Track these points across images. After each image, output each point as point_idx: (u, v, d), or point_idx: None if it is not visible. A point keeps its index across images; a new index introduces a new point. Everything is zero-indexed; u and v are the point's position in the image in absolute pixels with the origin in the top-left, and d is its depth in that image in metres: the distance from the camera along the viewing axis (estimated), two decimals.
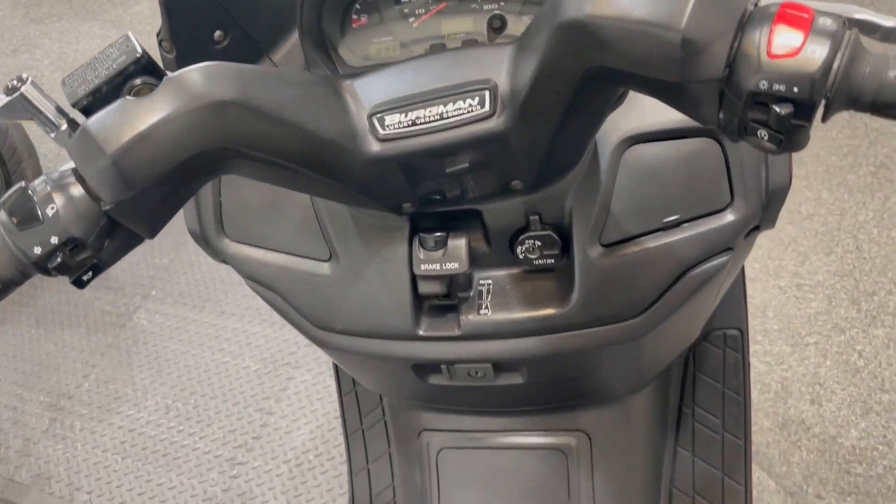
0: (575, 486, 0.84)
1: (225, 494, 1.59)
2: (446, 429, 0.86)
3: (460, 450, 0.86)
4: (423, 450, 0.88)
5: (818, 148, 1.86)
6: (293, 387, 1.74)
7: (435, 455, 0.87)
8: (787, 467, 1.38)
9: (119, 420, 1.77)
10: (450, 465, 0.87)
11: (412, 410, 0.88)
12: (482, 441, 0.85)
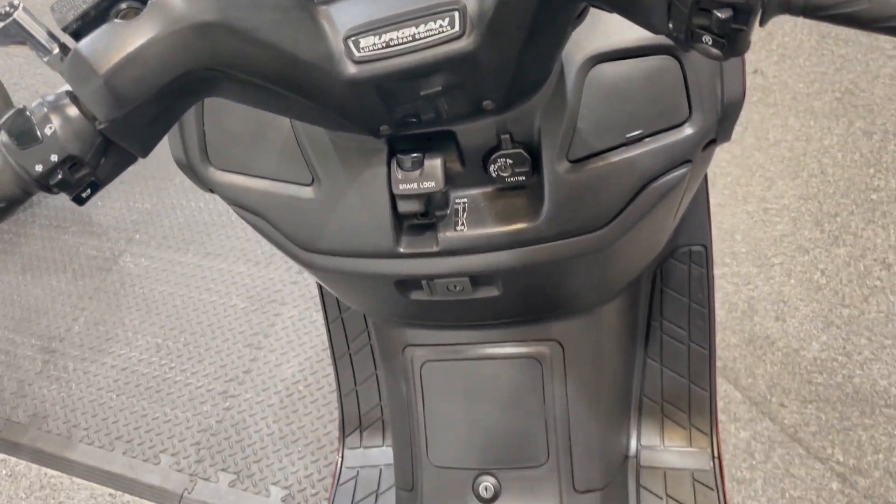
0: (549, 392, 0.90)
1: (219, 425, 1.65)
2: (428, 343, 0.92)
3: (442, 362, 0.91)
4: (408, 364, 0.93)
5: (786, 76, 1.90)
6: (280, 322, 1.79)
7: (419, 368, 0.93)
8: (753, 379, 1.46)
9: (111, 360, 1.82)
10: (433, 377, 0.92)
11: (396, 328, 0.93)
12: (462, 353, 0.90)
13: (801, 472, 1.34)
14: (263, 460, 1.57)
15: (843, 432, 1.37)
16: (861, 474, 1.32)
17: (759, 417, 1.41)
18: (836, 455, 1.35)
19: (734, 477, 1.36)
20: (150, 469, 1.61)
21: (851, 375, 1.42)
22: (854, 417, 1.38)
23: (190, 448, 1.63)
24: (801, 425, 1.39)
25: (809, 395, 1.42)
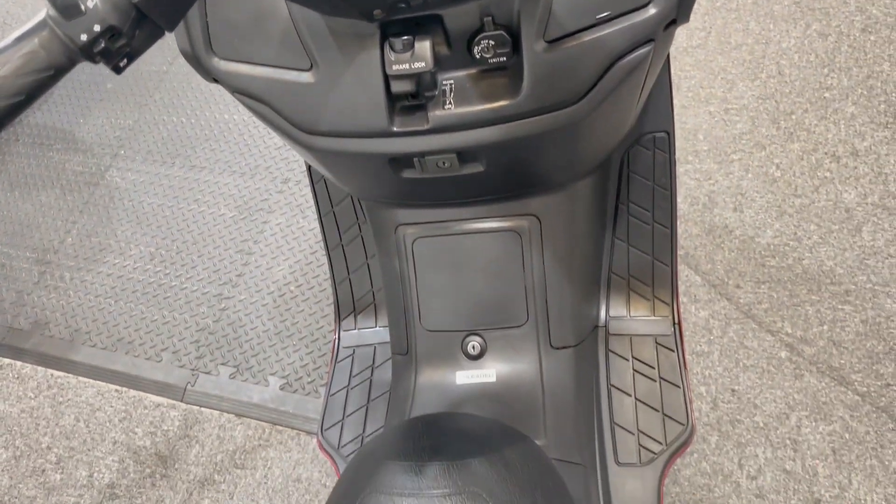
0: (528, 261, 1.01)
1: (216, 324, 1.75)
2: (419, 221, 1.01)
3: (431, 238, 1.01)
4: (400, 241, 1.03)
5: None
6: (269, 229, 1.87)
7: (410, 245, 1.03)
8: (712, 265, 1.59)
9: (107, 269, 1.89)
10: (423, 252, 1.02)
11: (388, 209, 1.02)
12: (449, 229, 1.00)
13: (754, 344, 1.48)
14: (260, 354, 1.68)
15: (792, 308, 1.50)
16: (807, 344, 1.46)
17: (717, 298, 1.54)
18: (785, 328, 1.49)
19: (694, 350, 1.50)
20: (152, 366, 1.72)
21: (801, 258, 1.56)
22: (802, 295, 1.52)
23: (190, 346, 1.73)
24: (755, 304, 1.52)
25: (763, 277, 1.55)
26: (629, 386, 1.14)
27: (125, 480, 1.58)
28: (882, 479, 1.32)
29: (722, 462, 1.38)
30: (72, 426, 1.67)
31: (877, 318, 1.47)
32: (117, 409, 1.68)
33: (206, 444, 1.59)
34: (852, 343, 1.45)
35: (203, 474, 1.55)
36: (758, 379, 1.45)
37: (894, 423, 1.36)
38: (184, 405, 1.66)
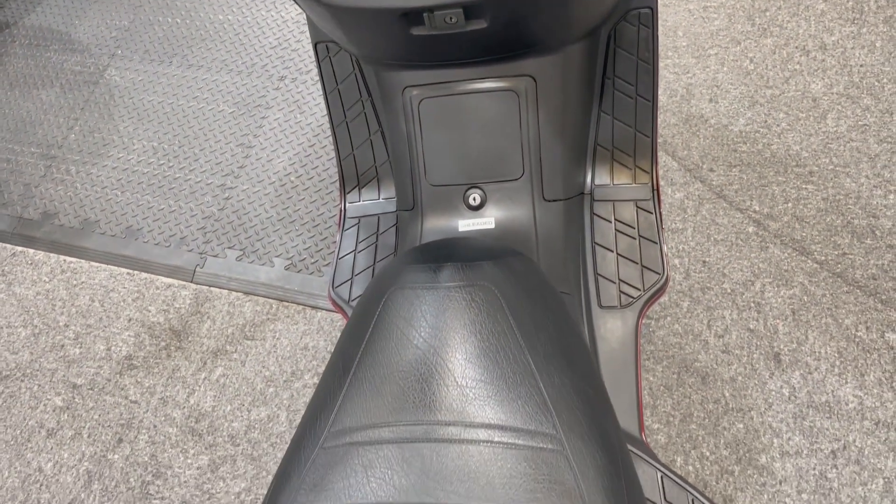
0: (524, 120, 1.11)
1: (221, 212, 1.84)
2: (424, 83, 1.11)
3: (436, 98, 1.11)
4: (407, 103, 1.13)
5: None
6: (268, 124, 1.95)
7: (417, 106, 1.12)
8: (688, 151, 1.70)
9: (111, 162, 1.97)
10: (428, 112, 1.12)
11: (397, 72, 1.12)
12: (453, 89, 1.10)
13: (724, 221, 1.61)
14: (265, 238, 1.79)
15: (760, 188, 1.63)
16: (772, 219, 1.60)
17: (692, 181, 1.67)
18: (753, 206, 1.62)
19: (669, 228, 1.62)
20: (161, 251, 1.81)
21: (770, 143, 1.68)
22: (770, 176, 1.64)
23: (197, 232, 1.83)
24: (726, 185, 1.65)
25: (734, 161, 1.67)
26: (611, 243, 1.27)
27: (142, 353, 1.69)
28: (835, 335, 1.47)
29: (692, 323, 1.52)
30: (87, 306, 1.77)
31: (836, 195, 1.60)
32: (130, 289, 1.78)
33: (216, 319, 1.71)
34: (813, 218, 1.59)
35: (215, 346, 1.67)
36: (727, 251, 1.58)
37: (848, 287, 1.51)
38: (194, 285, 1.76)
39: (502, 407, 0.73)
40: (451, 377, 0.75)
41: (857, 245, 1.55)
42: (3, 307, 1.81)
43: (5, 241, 1.90)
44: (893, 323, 1.46)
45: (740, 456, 1.39)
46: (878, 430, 1.38)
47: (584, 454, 0.70)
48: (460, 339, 0.77)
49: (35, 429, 1.64)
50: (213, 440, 1.57)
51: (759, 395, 1.44)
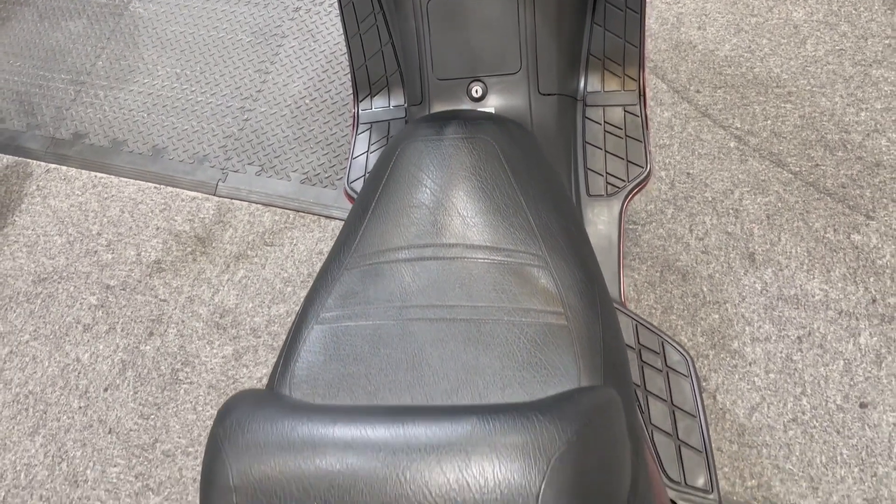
0: (522, 18, 1.24)
1: (241, 132, 1.98)
2: None
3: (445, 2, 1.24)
4: (416, 4, 1.26)
5: None
6: (283, 52, 2.08)
7: (425, 5, 1.25)
8: (676, 74, 1.83)
9: (137, 87, 2.10)
10: (436, 11, 1.25)
11: None
12: None
13: (708, 137, 1.74)
14: (282, 155, 1.92)
15: (743, 108, 1.76)
16: (753, 135, 1.73)
17: (679, 101, 1.80)
18: (735, 123, 1.75)
19: (657, 143, 1.76)
20: (186, 167, 1.95)
21: (753, 67, 1.80)
22: (752, 97, 1.77)
23: (218, 150, 1.96)
24: (711, 105, 1.78)
25: (719, 83, 1.80)
26: (600, 141, 1.40)
27: (169, 257, 1.84)
28: (805, 237, 1.61)
29: (675, 228, 1.66)
30: (118, 216, 1.92)
31: (812, 113, 1.73)
32: (157, 202, 1.92)
33: (238, 228, 1.85)
34: (790, 134, 1.72)
35: (238, 251, 1.82)
36: (709, 164, 1.72)
37: (819, 195, 1.64)
38: (216, 198, 1.90)
39: (496, 232, 0.88)
40: (454, 209, 0.89)
41: (829, 157, 1.68)
42: (39, 218, 1.95)
43: (39, 159, 2.04)
44: (859, 226, 1.60)
45: (715, 342, 1.53)
46: (841, 318, 1.52)
47: (564, 270, 0.84)
48: (462, 179, 0.91)
49: (72, 324, 1.79)
50: (237, 333, 1.72)
51: (734, 289, 1.58)
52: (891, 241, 1.57)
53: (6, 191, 2.00)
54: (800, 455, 1.42)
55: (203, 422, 1.63)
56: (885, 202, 1.61)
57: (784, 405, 1.46)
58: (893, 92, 1.73)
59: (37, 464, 1.64)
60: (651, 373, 1.14)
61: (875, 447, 1.41)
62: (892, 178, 1.64)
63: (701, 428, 1.08)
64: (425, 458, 0.56)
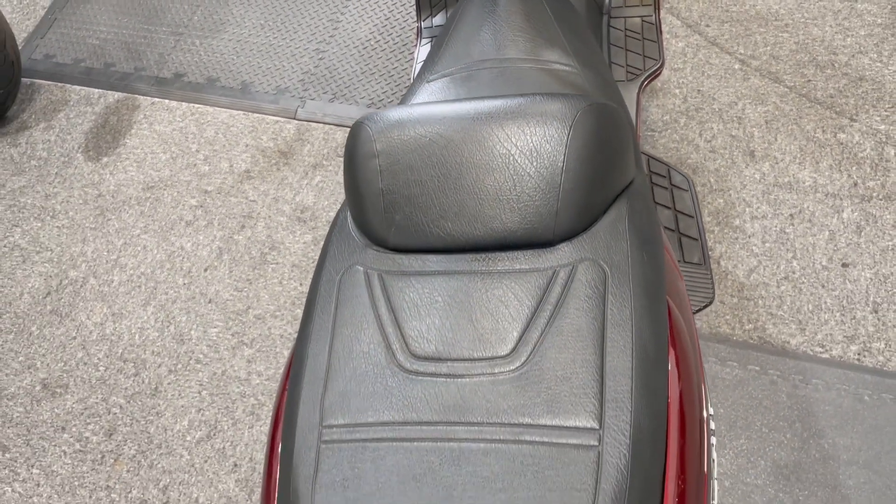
0: None
1: (316, 69, 2.33)
2: None
3: None
4: None
5: None
6: (353, 3, 2.43)
7: None
8: (689, 13, 2.14)
9: (227, 36, 2.47)
10: None
11: None
12: None
13: (716, 61, 2.05)
14: (351, 86, 2.27)
15: (746, 37, 2.06)
16: (754, 59, 2.03)
17: (691, 34, 2.11)
18: (739, 50, 2.05)
19: (671, 67, 2.06)
20: (270, 97, 2.30)
21: (755, 4, 2.11)
22: (754, 28, 2.07)
23: (297, 84, 2.31)
24: (718, 35, 2.08)
25: (725, 18, 2.11)
26: (622, 42, 1.71)
27: (257, 167, 2.18)
28: (798, 137, 1.90)
29: (687, 133, 1.96)
30: (212, 136, 2.27)
31: (805, 40, 2.03)
32: (246, 125, 2.27)
33: (315, 143, 2.19)
34: (787, 57, 2.01)
35: (314, 161, 2.15)
36: (717, 82, 2.02)
37: (810, 104, 1.93)
38: (296, 121, 2.25)
39: (538, 50, 1.19)
40: (509, 33, 1.21)
41: (819, 74, 1.97)
42: (146, 140, 2.31)
43: (145, 95, 2.41)
44: (844, 126, 1.88)
45: (720, 220, 1.82)
46: (827, 199, 1.80)
47: (589, 75, 1.15)
48: (513, 34, 1.23)
49: (176, 221, 2.13)
50: (315, 224, 2.05)
51: (737, 179, 1.87)
52: (871, 137, 1.86)
53: (118, 120, 2.37)
54: (790, 304, 1.69)
55: (288, 293, 1.96)
56: (867, 108, 1.90)
57: (777, 267, 1.74)
58: (875, 21, 2.02)
59: (148, 327, 1.97)
60: (659, 190, 1.44)
61: (854, 297, 1.68)
62: (873, 89, 1.92)
63: (698, 223, 1.37)
64: (489, 121, 0.88)
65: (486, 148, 0.86)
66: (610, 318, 0.78)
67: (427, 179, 0.87)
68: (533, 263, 0.84)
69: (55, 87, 2.48)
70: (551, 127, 0.85)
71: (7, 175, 2.33)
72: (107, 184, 2.24)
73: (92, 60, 2.51)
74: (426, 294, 0.84)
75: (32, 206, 2.25)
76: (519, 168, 0.84)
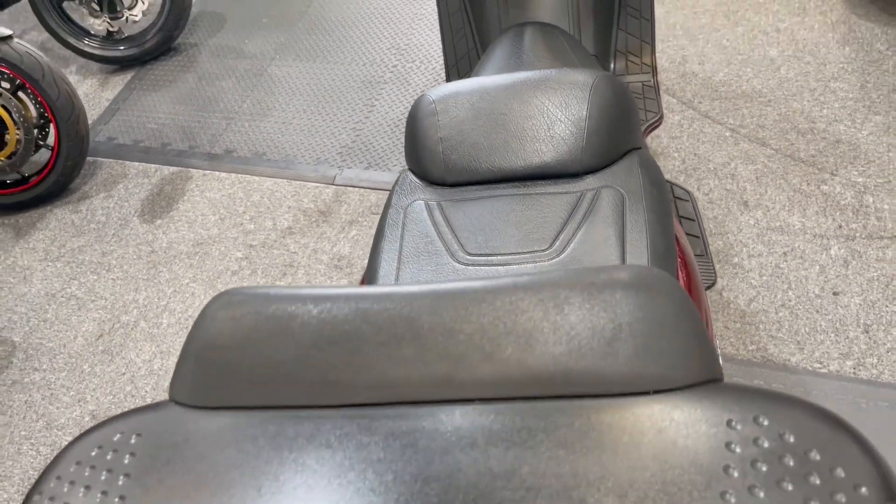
0: (571, 20, 1.87)
1: (353, 143, 2.61)
2: None
3: None
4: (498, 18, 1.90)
5: None
6: (385, 92, 2.76)
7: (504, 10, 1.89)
8: (683, 92, 2.44)
9: (273, 118, 2.78)
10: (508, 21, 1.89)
11: None
12: None
13: (709, 130, 2.32)
14: (385, 157, 2.54)
15: (734, 111, 2.35)
16: (742, 127, 2.30)
17: (686, 109, 2.39)
18: (729, 121, 2.33)
19: (669, 136, 2.33)
20: (311, 167, 2.57)
21: (741, 85, 2.41)
22: (741, 104, 2.36)
23: (335, 155, 2.59)
24: (710, 110, 2.37)
25: (716, 97, 2.40)
26: None
27: (298, 225, 2.41)
28: (786, 188, 2.13)
29: (687, 188, 2.19)
30: (258, 200, 2.52)
31: (787, 111, 2.31)
32: (288, 190, 2.52)
33: (351, 204, 2.43)
34: (771, 125, 2.29)
35: (351, 218, 2.38)
36: (711, 147, 2.28)
37: (795, 162, 2.18)
38: (334, 186, 2.50)
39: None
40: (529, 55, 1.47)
41: (801, 139, 2.23)
42: (197, 205, 2.56)
43: (198, 168, 2.68)
44: (826, 180, 2.12)
45: (720, 258, 2.02)
46: (816, 239, 2.00)
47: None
48: None
49: (223, 271, 2.34)
50: (351, 271, 2.24)
51: (734, 225, 2.08)
52: (850, 188, 2.09)
53: (172, 189, 2.63)
54: (788, 328, 1.85)
55: None
56: (846, 164, 2.14)
57: (774, 296, 1.92)
58: (847, 96, 2.31)
59: None
60: None
61: (846, 320, 1.84)
62: (850, 149, 2.18)
63: (699, 224, 1.57)
64: (527, 82, 1.11)
65: (524, 101, 1.08)
66: (628, 227, 0.97)
67: (477, 127, 1.09)
68: (564, 188, 1.04)
69: (116, 164, 2.77)
70: (576, 87, 1.08)
71: (67, 237, 2.56)
72: (159, 242, 2.46)
73: (150, 141, 2.81)
74: (477, 212, 1.04)
75: (90, 262, 2.46)
76: (552, 115, 1.06)
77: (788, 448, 0.45)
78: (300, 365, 0.57)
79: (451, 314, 0.58)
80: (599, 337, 0.52)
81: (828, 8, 2.58)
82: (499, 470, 0.46)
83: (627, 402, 0.49)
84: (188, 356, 0.63)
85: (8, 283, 2.48)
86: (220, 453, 0.52)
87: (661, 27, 2.66)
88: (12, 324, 2.36)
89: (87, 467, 0.53)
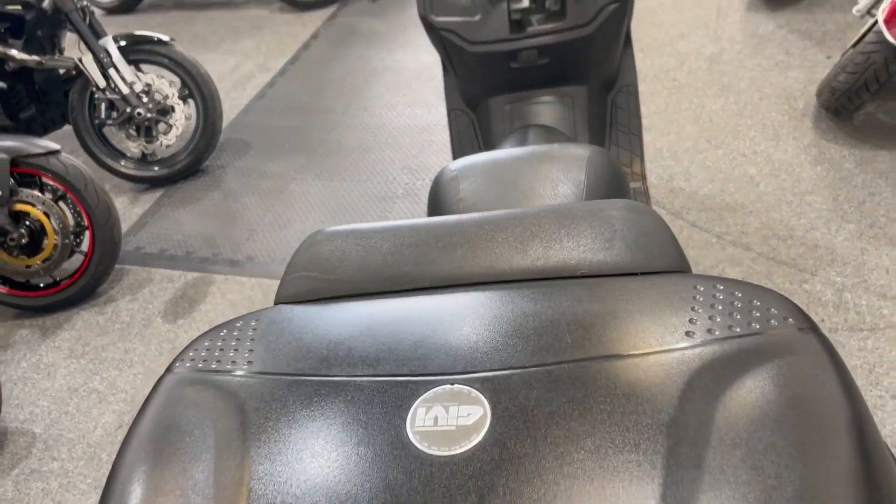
0: (569, 121, 2.11)
1: None
2: (512, 101, 2.13)
3: (517, 103, 2.12)
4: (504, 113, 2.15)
5: None
6: (397, 206, 2.98)
7: (507, 111, 2.14)
8: (672, 205, 2.66)
9: (293, 229, 2.99)
10: (514, 113, 2.13)
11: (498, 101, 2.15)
12: (527, 98, 2.12)
13: (697, 237, 2.52)
14: None
15: (719, 221, 2.56)
16: (728, 234, 2.50)
17: (675, 220, 2.60)
18: (715, 229, 2.53)
19: None
20: None
21: (724, 199, 2.63)
22: (725, 215, 2.57)
23: None
24: (697, 220, 2.58)
25: (702, 208, 2.62)
26: None
27: None
28: (770, 286, 2.28)
29: None
30: None
31: (768, 221, 2.51)
32: None
33: None
34: (754, 232, 2.48)
35: None
36: (699, 251, 2.47)
37: (777, 264, 2.36)
38: None
39: None
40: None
41: (781, 244, 2.42)
42: (218, 306, 2.71)
43: (221, 273, 2.86)
44: (807, 279, 2.29)
45: None
46: None
47: None
48: None
49: None
50: None
51: None
52: (830, 286, 2.25)
53: (195, 292, 2.79)
54: None
55: None
56: (824, 266, 2.32)
57: None
58: (822, 207, 2.53)
59: None
60: None
61: None
62: (827, 253, 2.36)
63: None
64: (531, 156, 1.30)
65: (532, 168, 1.27)
66: None
67: (492, 189, 1.27)
68: None
69: (142, 270, 2.95)
70: (575, 157, 1.28)
71: (92, 336, 2.70)
72: (180, 339, 2.60)
73: (176, 250, 3.01)
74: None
75: (112, 359, 2.58)
76: (556, 178, 1.25)
77: (737, 298, 0.60)
78: (381, 266, 0.74)
79: (491, 226, 0.80)
80: (601, 238, 0.71)
81: (799, 134, 2.86)
82: (529, 311, 0.62)
83: (622, 279, 0.66)
84: (292, 270, 0.85)
85: (32, 378, 2.58)
86: (325, 325, 0.69)
87: (649, 150, 2.93)
88: (34, 416, 2.44)
89: (219, 340, 0.69)
